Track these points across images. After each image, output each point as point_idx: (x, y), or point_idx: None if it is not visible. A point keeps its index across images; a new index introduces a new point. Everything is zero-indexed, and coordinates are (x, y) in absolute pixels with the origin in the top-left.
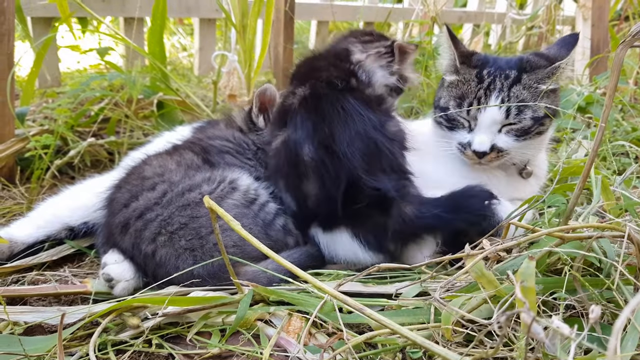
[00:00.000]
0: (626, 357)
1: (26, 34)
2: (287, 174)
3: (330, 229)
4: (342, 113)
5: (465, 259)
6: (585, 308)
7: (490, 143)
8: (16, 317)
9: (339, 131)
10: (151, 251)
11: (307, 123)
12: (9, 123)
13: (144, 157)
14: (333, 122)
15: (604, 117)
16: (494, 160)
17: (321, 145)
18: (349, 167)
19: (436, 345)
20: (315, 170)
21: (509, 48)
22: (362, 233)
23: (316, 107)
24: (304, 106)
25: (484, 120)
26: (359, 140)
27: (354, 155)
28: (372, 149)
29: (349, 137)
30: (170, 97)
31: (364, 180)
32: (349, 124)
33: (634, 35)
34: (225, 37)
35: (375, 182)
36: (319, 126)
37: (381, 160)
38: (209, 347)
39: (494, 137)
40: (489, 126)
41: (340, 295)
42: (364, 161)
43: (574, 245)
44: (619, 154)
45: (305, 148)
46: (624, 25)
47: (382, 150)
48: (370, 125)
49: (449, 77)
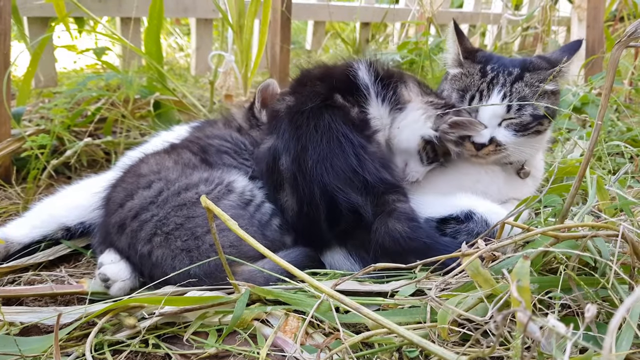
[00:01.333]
0: (621, 356)
1: (22, 34)
2: (267, 181)
3: (322, 252)
4: (317, 129)
5: (461, 258)
6: (580, 307)
7: (489, 135)
8: (12, 318)
9: (311, 147)
10: (147, 252)
11: (286, 134)
12: (5, 123)
13: (141, 156)
14: (307, 136)
15: (600, 117)
16: (491, 154)
17: (295, 159)
18: (320, 183)
19: (432, 344)
20: (290, 182)
21: (505, 48)
22: (355, 251)
23: (296, 119)
24: (288, 115)
25: (485, 112)
26: (331, 157)
27: (323, 172)
28: (344, 167)
29: (320, 154)
30: (167, 97)
31: (338, 198)
32: (322, 141)
33: (629, 35)
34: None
35: (349, 199)
36: (295, 139)
37: (355, 178)
38: (206, 347)
39: (493, 130)
40: (489, 119)
41: (337, 295)
42: (336, 178)
43: (569, 244)
44: (614, 154)
45: (282, 158)
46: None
47: (355, 169)
48: (346, 143)
49: (453, 71)
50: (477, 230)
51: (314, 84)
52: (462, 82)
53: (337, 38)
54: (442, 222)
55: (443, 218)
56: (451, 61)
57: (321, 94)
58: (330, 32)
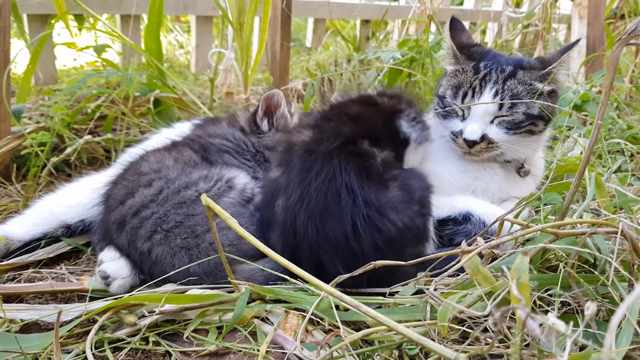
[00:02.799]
0: (621, 353)
1: (22, 31)
2: (264, 213)
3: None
4: (319, 176)
5: (460, 256)
6: (580, 305)
7: (481, 132)
8: (12, 315)
9: (308, 197)
10: (147, 249)
11: (292, 173)
12: (5, 120)
13: (141, 153)
14: (308, 183)
15: (600, 115)
16: (483, 151)
17: (289, 207)
18: (308, 243)
19: (432, 342)
20: (280, 228)
21: (505, 46)
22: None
23: (305, 158)
24: (299, 152)
25: (477, 109)
26: (325, 216)
27: (314, 232)
28: (336, 231)
29: (315, 209)
30: (167, 94)
31: (326, 266)
32: (320, 192)
33: (630, 33)
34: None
35: (337, 270)
36: (297, 182)
37: (345, 248)
38: (206, 345)
39: (485, 127)
40: (481, 116)
41: (337, 293)
42: (325, 243)
43: (568, 241)
44: (615, 151)
45: (279, 199)
46: (620, 23)
47: (347, 236)
48: (346, 199)
49: (449, 67)
50: (474, 232)
51: (341, 121)
52: (457, 78)
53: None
54: (440, 223)
55: (441, 220)
56: (447, 57)
57: (344, 135)
58: (330, 30)
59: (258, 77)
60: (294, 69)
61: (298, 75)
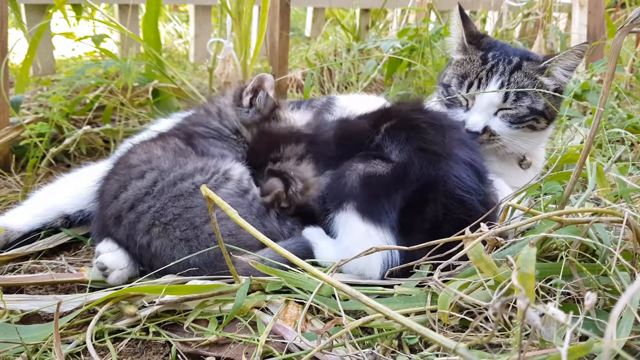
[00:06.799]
0: (621, 343)
1: (19, 21)
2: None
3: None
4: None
5: (464, 242)
6: (580, 294)
7: (484, 124)
8: (12, 306)
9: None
10: (146, 242)
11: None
12: (4, 111)
13: (129, 146)
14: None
15: (601, 104)
16: (485, 143)
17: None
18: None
19: (431, 331)
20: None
21: (506, 35)
22: None
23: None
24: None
25: (481, 100)
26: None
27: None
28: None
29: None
30: (166, 84)
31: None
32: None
33: (631, 21)
34: (220, 24)
35: None
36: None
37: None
38: (206, 335)
39: (488, 119)
40: (485, 108)
41: (337, 282)
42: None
43: (570, 230)
44: (615, 141)
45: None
46: (621, 12)
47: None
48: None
49: (456, 56)
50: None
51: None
52: (464, 68)
53: (337, 25)
54: None
55: None
56: (455, 46)
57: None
58: (329, 19)
59: (257, 67)
60: (293, 59)
61: (297, 65)
